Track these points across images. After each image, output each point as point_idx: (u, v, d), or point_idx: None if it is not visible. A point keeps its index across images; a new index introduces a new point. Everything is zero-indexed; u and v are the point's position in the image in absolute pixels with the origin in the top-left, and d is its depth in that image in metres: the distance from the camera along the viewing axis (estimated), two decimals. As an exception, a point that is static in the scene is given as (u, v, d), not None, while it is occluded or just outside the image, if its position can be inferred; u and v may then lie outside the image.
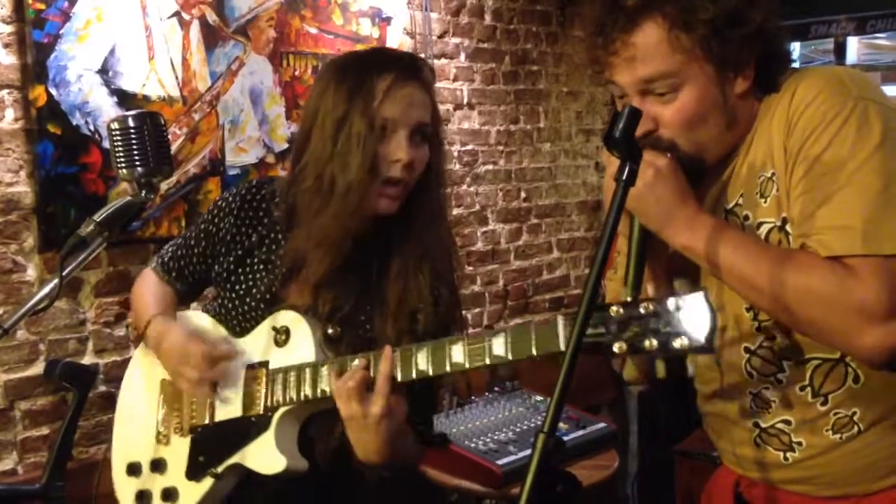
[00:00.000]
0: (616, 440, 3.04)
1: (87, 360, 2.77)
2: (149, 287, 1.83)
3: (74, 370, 2.45)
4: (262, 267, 1.69)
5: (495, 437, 2.82)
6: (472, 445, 2.75)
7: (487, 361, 1.42)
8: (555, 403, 1.11)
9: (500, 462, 2.66)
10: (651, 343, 1.20)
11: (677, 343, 1.19)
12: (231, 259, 1.71)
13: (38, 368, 2.66)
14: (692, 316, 1.19)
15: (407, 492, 1.68)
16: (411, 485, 1.70)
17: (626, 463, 3.93)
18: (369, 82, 1.56)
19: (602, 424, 3.03)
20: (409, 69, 1.60)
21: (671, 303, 1.21)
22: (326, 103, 1.59)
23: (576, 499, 1.21)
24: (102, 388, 2.79)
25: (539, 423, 2.94)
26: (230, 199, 1.73)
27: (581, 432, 2.94)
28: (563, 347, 1.32)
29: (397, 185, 1.59)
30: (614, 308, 1.24)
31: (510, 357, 1.40)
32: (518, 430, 2.90)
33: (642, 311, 1.22)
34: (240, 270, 1.71)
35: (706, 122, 1.38)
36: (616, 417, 4.02)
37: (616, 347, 1.22)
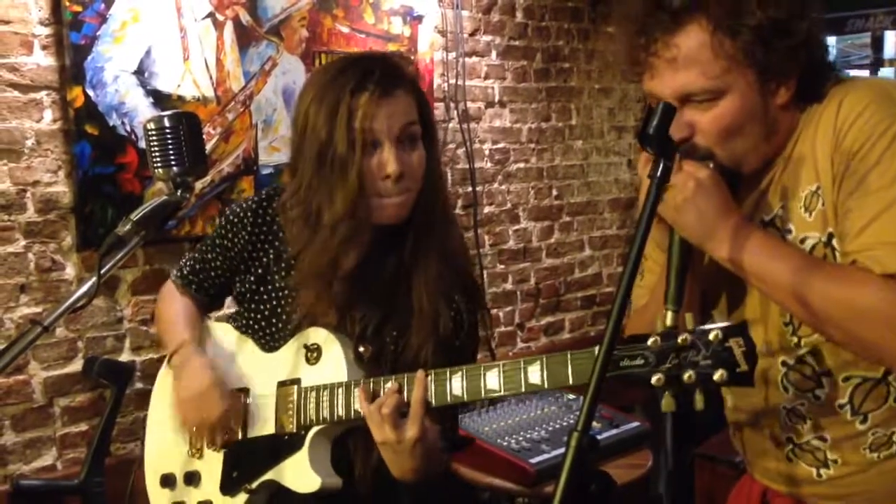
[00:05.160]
0: (650, 439, 3.02)
1: (125, 357, 2.81)
2: (175, 303, 1.81)
3: (112, 367, 2.50)
4: (283, 285, 1.68)
5: (528, 436, 2.81)
6: (505, 444, 2.74)
7: (523, 390, 1.42)
8: (588, 402, 1.11)
9: (532, 460, 2.66)
10: (689, 375, 1.20)
11: (716, 376, 1.19)
12: (252, 278, 1.71)
13: (76, 365, 2.71)
14: (732, 348, 1.19)
15: (440, 490, 1.68)
16: (444, 483, 1.70)
17: (660, 462, 3.90)
18: (346, 102, 1.50)
19: (636, 423, 3.01)
20: (387, 80, 1.53)
21: (710, 334, 1.20)
22: (310, 125, 1.54)
23: (610, 498, 1.20)
24: (139, 385, 2.83)
25: (571, 421, 2.93)
26: (241, 213, 1.70)
27: (614, 431, 2.93)
28: None
29: (398, 195, 1.55)
30: (652, 339, 1.24)
31: (546, 386, 1.40)
32: (551, 428, 2.89)
33: (680, 342, 1.21)
34: (262, 289, 1.70)
35: (744, 131, 1.35)
36: (650, 416, 3.99)
37: (654, 379, 1.23)
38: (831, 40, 4.57)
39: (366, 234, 1.59)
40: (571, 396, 3.12)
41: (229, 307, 1.87)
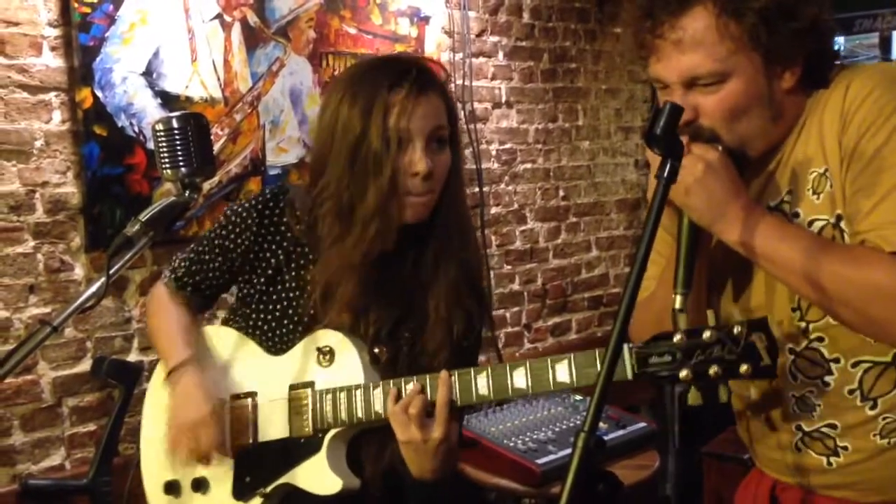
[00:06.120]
0: (656, 440, 3.01)
1: (133, 357, 2.82)
2: (170, 313, 1.77)
3: (120, 367, 2.51)
4: (294, 285, 1.67)
5: (534, 437, 2.81)
6: (511, 444, 2.74)
7: (552, 388, 1.44)
8: (595, 402, 1.11)
9: (539, 461, 2.65)
10: (716, 370, 1.26)
11: (742, 370, 1.25)
12: (262, 280, 1.68)
13: (85, 365, 2.71)
14: (755, 342, 1.24)
15: (447, 490, 1.68)
16: (451, 484, 1.70)
17: (667, 463, 3.90)
18: (382, 99, 1.52)
19: (642, 424, 3.01)
20: (422, 80, 1.55)
21: (734, 330, 1.26)
22: (342, 121, 1.55)
23: (617, 498, 1.21)
24: (147, 385, 2.83)
25: (578, 422, 2.93)
26: (244, 213, 1.67)
27: (621, 432, 2.92)
28: (630, 376, 1.34)
29: (423, 194, 1.56)
30: (678, 336, 1.28)
31: (575, 384, 1.42)
32: (557, 429, 2.88)
33: (705, 338, 1.27)
34: (271, 290, 1.69)
35: (749, 114, 1.35)
36: (656, 417, 3.99)
37: (682, 375, 1.28)
38: (839, 40, 4.56)
39: (393, 233, 1.59)
40: (578, 397, 3.12)
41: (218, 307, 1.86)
